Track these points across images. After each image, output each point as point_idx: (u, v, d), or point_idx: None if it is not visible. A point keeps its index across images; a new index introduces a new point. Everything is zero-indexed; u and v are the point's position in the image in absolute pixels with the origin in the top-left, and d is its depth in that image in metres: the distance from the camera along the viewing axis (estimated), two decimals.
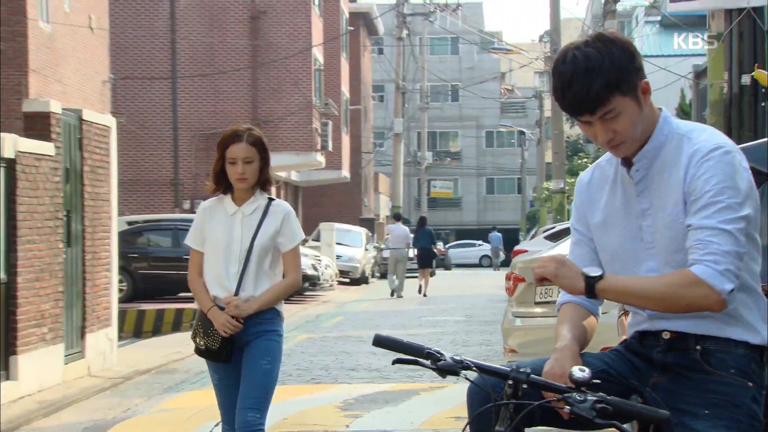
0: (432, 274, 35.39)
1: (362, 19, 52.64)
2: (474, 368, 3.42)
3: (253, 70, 37.54)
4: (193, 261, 6.30)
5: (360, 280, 38.01)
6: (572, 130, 67.31)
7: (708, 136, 3.60)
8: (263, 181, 6.23)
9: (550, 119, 40.89)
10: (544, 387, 3.39)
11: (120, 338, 23.20)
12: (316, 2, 39.91)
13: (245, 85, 37.61)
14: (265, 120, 37.33)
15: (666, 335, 3.66)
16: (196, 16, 37.62)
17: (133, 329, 24.24)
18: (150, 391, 12.94)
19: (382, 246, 41.27)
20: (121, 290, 26.56)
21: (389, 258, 32.84)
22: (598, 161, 3.88)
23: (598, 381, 3.39)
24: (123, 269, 26.59)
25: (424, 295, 30.87)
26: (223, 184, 6.23)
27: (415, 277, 33.81)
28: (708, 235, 3.48)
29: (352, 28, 48.67)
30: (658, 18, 46.78)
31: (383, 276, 39.34)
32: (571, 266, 3.53)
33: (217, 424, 10.14)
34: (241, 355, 6.20)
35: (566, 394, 3.31)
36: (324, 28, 41.93)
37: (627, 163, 3.69)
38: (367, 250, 39.52)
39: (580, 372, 3.35)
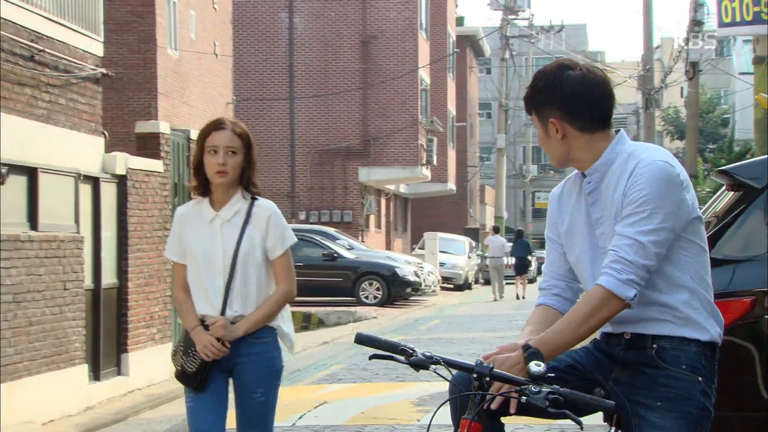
0: (531, 281, 36.62)
1: (468, 42, 52.79)
2: (442, 363, 3.64)
3: (363, 90, 37.97)
4: (177, 274, 5.29)
5: (463, 286, 38.17)
6: (672, 144, 66.55)
7: (650, 153, 3.75)
8: (246, 183, 5.15)
9: (644, 134, 40.52)
10: (505, 380, 3.59)
11: None
12: (423, 27, 40.22)
13: (356, 105, 38.06)
14: (374, 137, 37.81)
15: (627, 336, 3.84)
16: (312, 41, 38.20)
17: None
18: None
19: (485, 254, 41.55)
20: None
21: (489, 266, 34.16)
22: (569, 176, 4.07)
23: (552, 375, 3.57)
24: None
25: (522, 298, 31.81)
26: (203, 186, 5.17)
27: (513, 283, 34.79)
28: (622, 244, 3.67)
29: (458, 50, 48.86)
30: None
31: (487, 282, 39.95)
32: (513, 361, 3.64)
33: (300, 417, 10.49)
34: (220, 381, 5.18)
35: (523, 386, 3.51)
36: (431, 50, 42.22)
37: (583, 176, 3.89)
38: (470, 258, 39.65)
39: (536, 367, 3.54)
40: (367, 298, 27.14)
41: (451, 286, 37.35)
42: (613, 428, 3.83)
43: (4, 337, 10.52)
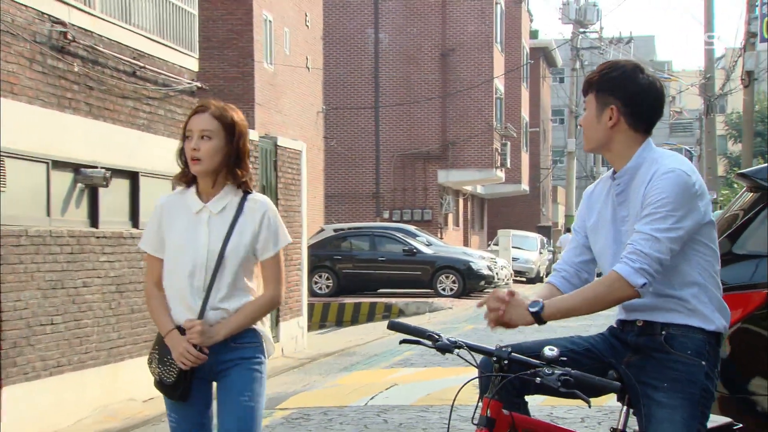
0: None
1: (542, 53, 52.53)
2: (465, 347, 3.75)
3: (442, 99, 38.03)
4: (150, 269, 4.35)
5: (534, 280, 38.00)
6: (734, 146, 65.38)
7: (671, 160, 3.81)
8: (233, 174, 4.26)
9: (705, 138, 39.97)
10: (522, 363, 3.68)
11: (324, 327, 24.02)
12: (498, 40, 40.13)
13: (436, 112, 38.13)
14: (452, 142, 37.85)
15: (639, 323, 3.91)
16: (395, 54, 38.34)
17: (335, 319, 25.00)
18: (329, 369, 13.47)
19: (557, 249, 41.50)
20: (327, 287, 27.42)
21: None
22: (601, 177, 4.14)
23: (564, 358, 3.65)
24: (330, 269, 27.42)
25: None
26: (187, 175, 4.30)
27: None
28: (639, 238, 3.73)
29: (531, 61, 48.64)
30: None
31: None
32: (518, 305, 3.78)
33: (372, 398, 10.63)
34: (203, 392, 4.29)
35: (538, 369, 3.60)
36: (506, 61, 42.10)
37: (614, 177, 3.96)
38: (541, 253, 39.49)
39: (550, 351, 3.63)
40: (443, 290, 27.20)
41: (524, 279, 37.23)
42: (625, 407, 3.90)
43: (108, 323, 10.84)
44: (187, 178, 4.29)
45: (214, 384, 4.34)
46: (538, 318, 3.74)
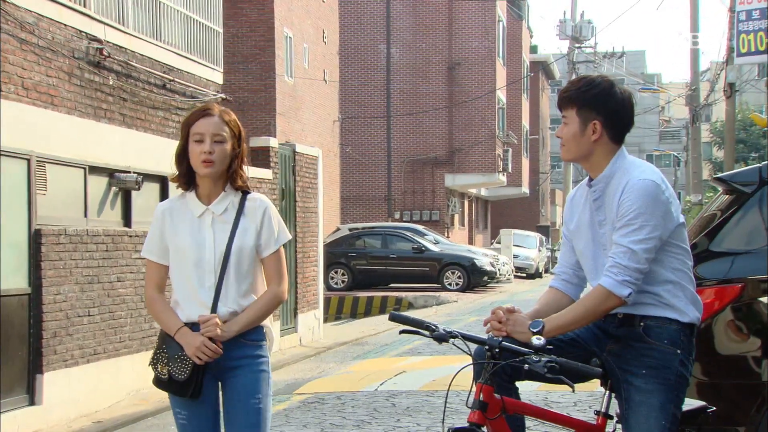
0: None
1: (540, 67, 52.45)
2: (460, 337, 3.77)
3: (449, 109, 38.01)
4: (151, 275, 4.07)
5: (534, 275, 37.97)
6: (718, 152, 65.23)
7: (641, 172, 3.81)
8: (233, 175, 3.99)
9: (691, 144, 39.88)
10: (512, 351, 3.70)
11: (339, 318, 24.05)
12: (501, 55, 40.10)
13: (443, 121, 38.11)
14: (458, 148, 37.84)
15: (619, 315, 3.92)
16: (405, 68, 38.33)
17: (350, 312, 25.02)
18: (343, 358, 13.49)
19: (555, 248, 41.38)
20: (343, 281, 27.44)
21: None
22: (582, 182, 4.14)
23: (551, 347, 3.67)
24: (345, 265, 27.44)
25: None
26: (185, 177, 4.03)
27: None
28: (619, 252, 3.76)
29: (531, 73, 48.58)
30: None
31: None
32: (519, 324, 3.80)
33: (382, 384, 10.64)
34: (213, 389, 4.00)
35: (526, 356, 3.62)
36: (508, 74, 42.06)
37: (590, 185, 3.97)
38: (540, 250, 39.43)
39: (538, 340, 3.65)
40: (450, 284, 27.20)
41: (524, 275, 37.18)
42: (607, 391, 3.92)
43: (140, 315, 10.88)
44: (185, 181, 4.03)
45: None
46: (540, 335, 3.76)
